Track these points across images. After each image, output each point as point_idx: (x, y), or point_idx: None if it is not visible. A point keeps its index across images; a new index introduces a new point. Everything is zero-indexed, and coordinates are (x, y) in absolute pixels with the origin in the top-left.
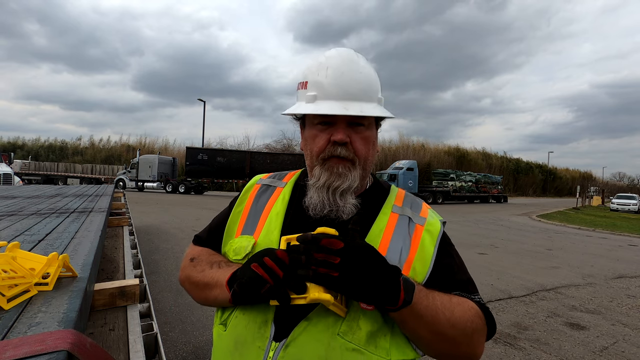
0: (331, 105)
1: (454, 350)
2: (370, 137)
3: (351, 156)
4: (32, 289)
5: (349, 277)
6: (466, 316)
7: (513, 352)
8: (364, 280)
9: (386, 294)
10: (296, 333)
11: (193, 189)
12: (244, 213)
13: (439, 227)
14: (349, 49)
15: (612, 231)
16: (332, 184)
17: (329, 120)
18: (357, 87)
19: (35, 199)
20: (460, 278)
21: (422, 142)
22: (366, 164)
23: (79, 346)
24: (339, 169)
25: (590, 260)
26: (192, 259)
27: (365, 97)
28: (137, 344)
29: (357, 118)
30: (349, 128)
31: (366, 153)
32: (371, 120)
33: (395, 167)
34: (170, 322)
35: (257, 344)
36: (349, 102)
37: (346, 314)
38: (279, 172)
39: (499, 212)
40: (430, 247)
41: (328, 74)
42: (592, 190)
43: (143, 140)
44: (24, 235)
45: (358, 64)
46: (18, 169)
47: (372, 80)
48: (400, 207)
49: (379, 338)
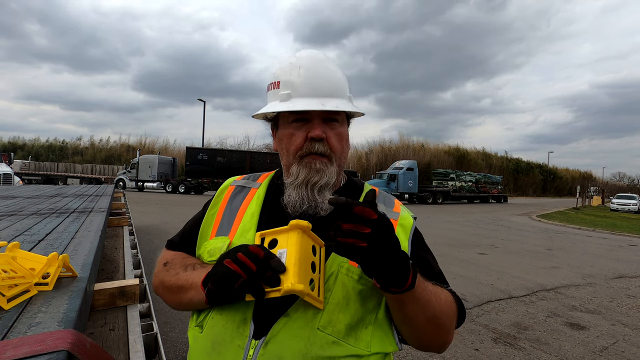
0: (308, 101)
1: (435, 333)
2: (344, 133)
3: (328, 152)
4: (32, 289)
5: (377, 250)
6: (448, 302)
7: (513, 352)
8: (387, 256)
9: (399, 274)
10: (275, 330)
11: (193, 189)
12: (218, 215)
13: (412, 221)
14: (317, 50)
15: (612, 231)
16: (311, 180)
17: (305, 117)
18: (329, 85)
19: (35, 199)
20: (435, 270)
21: (422, 142)
22: (341, 159)
23: (79, 346)
24: (317, 165)
25: (590, 260)
26: (166, 263)
27: (337, 94)
28: (137, 344)
29: (331, 114)
30: (324, 124)
31: (341, 149)
32: (343, 117)
33: (395, 167)
34: (170, 322)
35: (237, 342)
36: (324, 99)
37: (324, 306)
38: (253, 174)
39: (499, 212)
40: (404, 241)
41: (300, 73)
42: (592, 190)
43: (143, 140)
44: (24, 235)
45: (328, 63)
46: (18, 169)
47: (341, 78)
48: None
49: (359, 330)
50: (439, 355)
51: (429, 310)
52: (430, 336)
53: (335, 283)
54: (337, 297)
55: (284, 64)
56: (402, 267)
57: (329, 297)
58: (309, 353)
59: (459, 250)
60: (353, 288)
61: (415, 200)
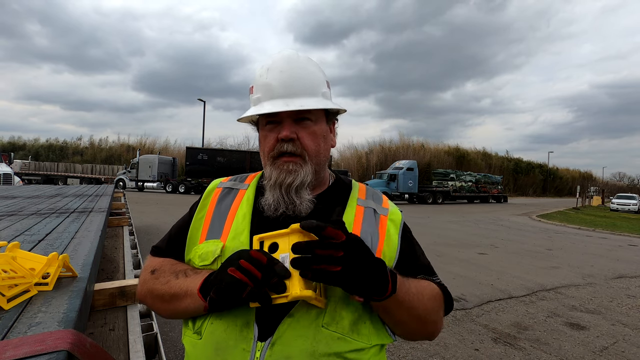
0: (273, 103)
1: (422, 328)
2: (319, 131)
3: (299, 151)
4: (32, 289)
5: (351, 271)
6: (433, 297)
7: (513, 352)
8: (362, 273)
9: (378, 285)
10: (281, 330)
11: (193, 189)
12: (207, 218)
13: (401, 216)
14: (291, 50)
15: (612, 231)
16: (284, 181)
17: (276, 120)
18: (298, 84)
19: (35, 199)
20: (423, 262)
21: (422, 142)
22: (318, 158)
23: (79, 346)
24: (288, 166)
25: (590, 260)
26: (153, 270)
27: (307, 93)
28: (137, 344)
29: (303, 113)
30: (295, 125)
31: (316, 147)
32: (319, 115)
33: (395, 167)
34: (170, 322)
35: (241, 346)
36: (290, 99)
37: (326, 305)
38: (240, 175)
39: (499, 212)
40: (394, 235)
41: (269, 75)
42: (592, 190)
43: (143, 140)
44: (24, 235)
45: (297, 61)
46: (18, 169)
47: (313, 75)
48: (364, 200)
49: (360, 325)
50: (439, 355)
51: (413, 310)
52: (417, 331)
53: None
54: (338, 295)
55: (258, 68)
56: (379, 278)
57: (330, 294)
58: (316, 350)
59: (459, 250)
60: None
61: (415, 200)
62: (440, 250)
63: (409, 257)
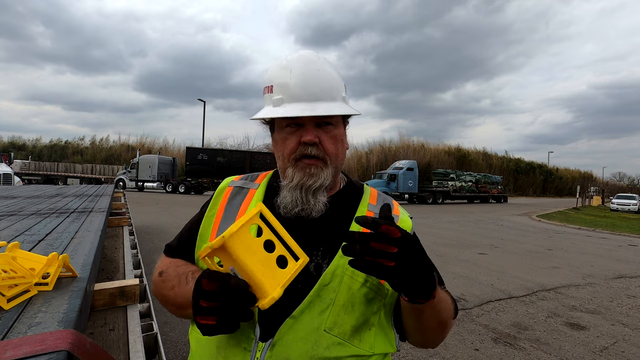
0: (298, 107)
1: (440, 335)
2: (339, 135)
3: (322, 155)
4: (32, 289)
5: (404, 268)
6: (450, 306)
7: (513, 352)
8: (415, 272)
9: (427, 287)
10: (282, 332)
11: (193, 188)
12: (217, 216)
13: (411, 224)
14: (310, 51)
15: (612, 231)
16: (306, 183)
17: (298, 122)
18: (320, 88)
19: (35, 199)
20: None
21: (422, 142)
22: (337, 161)
23: (79, 346)
24: (311, 170)
25: (590, 260)
26: (161, 272)
27: (329, 97)
28: (137, 344)
29: (325, 118)
30: (317, 128)
31: (336, 151)
32: (338, 119)
33: (395, 167)
34: (170, 322)
35: (243, 345)
36: (315, 103)
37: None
38: (250, 174)
39: (499, 212)
40: None
41: (292, 76)
42: (592, 190)
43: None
44: (24, 235)
45: (320, 64)
46: (18, 169)
47: (334, 80)
48: (375, 205)
49: (363, 332)
50: (439, 355)
51: (441, 315)
52: (436, 337)
53: (341, 285)
54: (342, 299)
55: (277, 67)
56: (429, 280)
57: (334, 298)
58: (315, 354)
59: (459, 250)
60: (358, 291)
61: (415, 200)
62: (440, 250)
63: None
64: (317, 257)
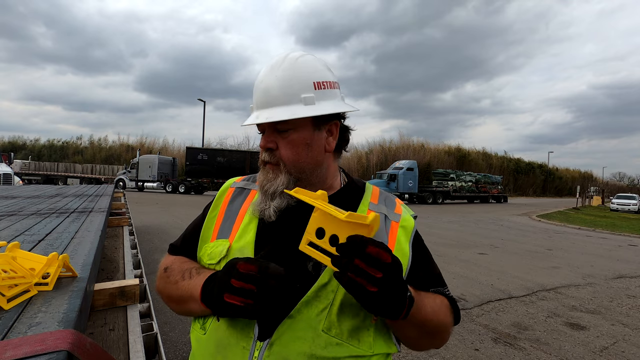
0: (254, 114)
1: (431, 343)
2: (299, 139)
3: (274, 160)
4: (32, 289)
5: (385, 297)
6: (444, 314)
7: (513, 352)
8: (393, 300)
9: (397, 310)
10: (280, 331)
11: (193, 188)
12: (219, 217)
13: (413, 223)
14: (285, 54)
15: (612, 231)
16: (264, 187)
17: (262, 129)
18: (272, 93)
19: (35, 199)
20: (434, 273)
21: (422, 142)
22: (298, 166)
23: (79, 346)
24: (268, 174)
25: (590, 260)
26: (166, 268)
27: (281, 101)
28: (137, 344)
29: (280, 123)
30: (276, 134)
31: (294, 156)
32: (302, 122)
33: (395, 167)
34: (170, 322)
35: (241, 344)
36: (263, 110)
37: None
38: (253, 175)
39: (499, 212)
40: (405, 244)
41: (256, 83)
42: (592, 190)
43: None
44: (24, 235)
45: (279, 68)
46: (18, 169)
47: (292, 81)
48: (376, 204)
49: (362, 333)
50: (439, 355)
51: (425, 327)
52: (426, 344)
53: (339, 286)
54: (340, 300)
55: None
56: (400, 304)
57: (332, 299)
58: (313, 354)
59: (459, 250)
60: None
61: (415, 200)
62: (440, 250)
63: (421, 267)
64: None
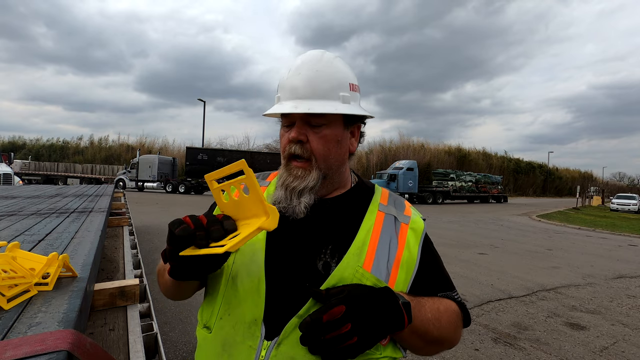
0: (287, 104)
1: (436, 349)
2: (330, 135)
3: (307, 155)
4: (32, 289)
5: (367, 333)
6: (451, 320)
7: (513, 352)
8: (378, 325)
9: (395, 324)
10: (288, 330)
11: (193, 188)
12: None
13: (423, 225)
14: (321, 50)
15: (612, 231)
16: (290, 185)
17: (291, 121)
18: (312, 86)
19: (35, 199)
20: (443, 277)
21: (422, 142)
22: (329, 162)
23: (79, 346)
24: (297, 172)
25: (590, 260)
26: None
27: (320, 95)
28: (137, 344)
29: (315, 117)
30: (307, 127)
31: (325, 152)
32: (335, 119)
33: (395, 167)
34: (170, 322)
35: (248, 343)
36: (301, 101)
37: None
38: (262, 172)
39: (499, 212)
40: (415, 246)
41: (289, 75)
42: (592, 190)
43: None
44: (24, 235)
45: (319, 62)
46: (18, 169)
47: (332, 77)
48: (386, 205)
49: None
50: (439, 355)
51: (428, 335)
52: (431, 352)
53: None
54: None
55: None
56: (394, 318)
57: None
58: None
59: (459, 250)
60: None
61: (415, 200)
62: (440, 250)
63: (429, 271)
64: (326, 256)
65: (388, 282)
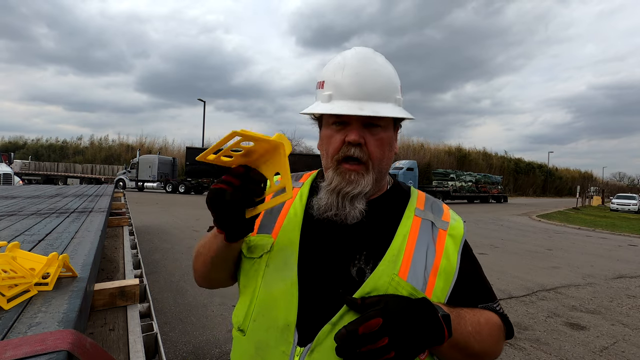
0: (346, 105)
1: None
2: (386, 138)
3: (365, 158)
4: (32, 289)
5: (405, 349)
6: (492, 333)
7: (513, 352)
8: (417, 339)
9: (434, 339)
10: (321, 337)
11: (193, 188)
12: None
13: (462, 231)
14: (367, 47)
15: (612, 231)
16: (344, 189)
17: (344, 121)
18: (372, 87)
19: (35, 199)
20: (484, 287)
21: (422, 142)
22: (381, 165)
23: (79, 346)
24: (351, 176)
25: (590, 260)
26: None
27: (380, 97)
28: (137, 344)
29: (372, 119)
30: (363, 129)
31: (381, 155)
32: (388, 122)
33: (395, 167)
34: (170, 322)
35: (281, 348)
36: (364, 102)
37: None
38: (295, 173)
39: (499, 212)
40: (454, 254)
41: (344, 73)
42: (592, 191)
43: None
44: (24, 235)
45: (375, 62)
46: (18, 169)
47: (389, 79)
48: (423, 210)
49: None
50: None
51: (469, 349)
52: None
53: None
54: None
55: (331, 63)
56: (434, 332)
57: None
58: None
59: None
60: None
61: None
62: None
63: (469, 281)
64: (360, 262)
65: (425, 291)
